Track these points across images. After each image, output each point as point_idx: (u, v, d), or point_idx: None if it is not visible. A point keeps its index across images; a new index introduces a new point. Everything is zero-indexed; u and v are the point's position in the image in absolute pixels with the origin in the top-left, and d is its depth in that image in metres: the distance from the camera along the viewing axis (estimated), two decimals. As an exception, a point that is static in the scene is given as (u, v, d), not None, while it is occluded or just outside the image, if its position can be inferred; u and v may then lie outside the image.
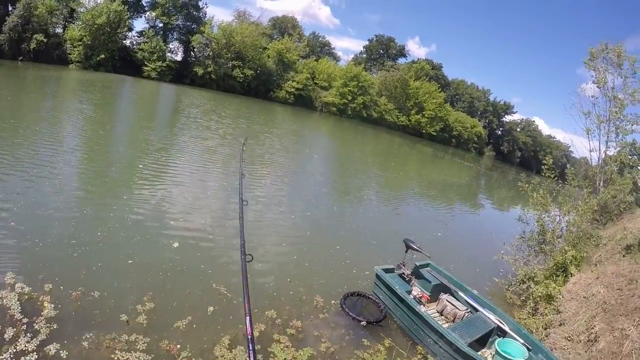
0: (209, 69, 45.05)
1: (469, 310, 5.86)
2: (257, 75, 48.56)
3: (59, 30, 38.12)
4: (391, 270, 6.27)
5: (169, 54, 46.46)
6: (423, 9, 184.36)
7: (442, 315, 5.90)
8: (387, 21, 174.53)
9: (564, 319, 6.07)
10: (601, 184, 13.92)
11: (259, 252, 6.95)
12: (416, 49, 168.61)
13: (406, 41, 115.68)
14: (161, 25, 46.24)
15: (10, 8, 33.94)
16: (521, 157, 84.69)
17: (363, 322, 5.39)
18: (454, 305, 5.84)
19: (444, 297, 6.05)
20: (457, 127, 68.77)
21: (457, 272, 7.45)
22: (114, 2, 37.91)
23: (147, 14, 45.97)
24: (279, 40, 54.63)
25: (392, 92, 61.97)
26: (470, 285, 6.50)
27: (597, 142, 14.98)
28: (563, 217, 9.08)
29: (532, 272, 7.56)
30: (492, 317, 5.56)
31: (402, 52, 79.96)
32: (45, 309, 4.06)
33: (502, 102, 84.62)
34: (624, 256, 8.06)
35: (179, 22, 48.02)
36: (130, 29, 43.27)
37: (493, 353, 5.01)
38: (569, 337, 5.52)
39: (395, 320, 5.72)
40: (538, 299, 6.81)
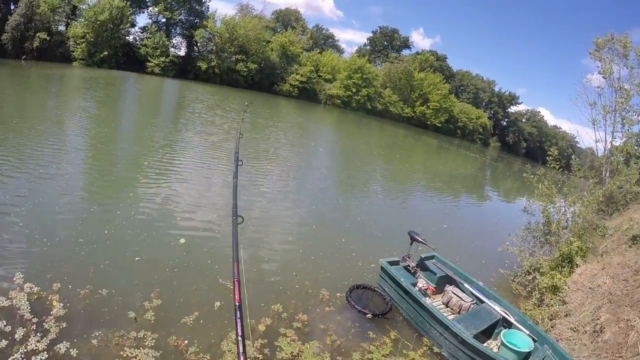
0: (213, 64, 44.92)
1: (475, 301, 5.87)
2: (261, 69, 48.33)
3: (61, 27, 38.11)
4: (396, 263, 6.30)
5: (172, 49, 46.39)
6: (427, 0, 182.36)
7: (447, 307, 5.92)
8: (391, 13, 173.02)
9: (569, 310, 6.07)
10: (607, 175, 13.83)
11: (265, 247, 7.01)
12: (420, 40, 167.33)
13: (410, 33, 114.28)
14: (164, 20, 46.07)
15: (12, 7, 34.00)
16: (527, 147, 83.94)
17: (369, 315, 5.43)
18: (459, 297, 5.86)
19: (449, 288, 6.07)
20: (462, 118, 68.19)
21: (462, 264, 7.46)
22: (116, -2, 37.85)
23: (150, 9, 45.71)
24: (282, 34, 54.32)
25: (396, 84, 61.50)
26: (476, 277, 6.52)
27: (603, 132, 14.90)
28: (568, 208, 9.03)
29: (538, 263, 7.54)
30: (497, 308, 5.57)
31: (406, 44, 79.25)
32: (54, 308, 4.13)
33: (507, 93, 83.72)
34: (630, 247, 8.02)
35: (182, 16, 47.85)
36: (133, 25, 43.13)
37: (499, 344, 5.03)
38: (575, 328, 5.53)
39: (401, 312, 5.76)
40: (544, 290, 6.79)
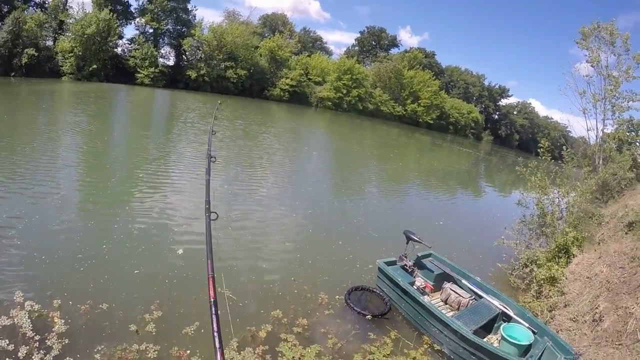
0: (202, 72, 44.97)
1: (473, 297, 5.92)
2: (251, 75, 48.46)
3: (49, 43, 38.06)
4: (393, 263, 6.34)
5: (161, 59, 46.44)
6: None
7: (446, 304, 5.97)
8: (378, 12, 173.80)
9: (568, 300, 6.12)
10: (600, 162, 13.96)
11: (263, 254, 7.04)
12: (408, 38, 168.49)
13: (398, 31, 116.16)
14: (151, 30, 46.10)
15: (-1, 24, 33.89)
16: (519, 140, 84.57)
17: (368, 316, 5.47)
18: (457, 294, 5.91)
19: (448, 285, 6.12)
20: (453, 114, 68.68)
21: (460, 260, 7.53)
22: (102, 11, 37.78)
23: (137, 20, 45.77)
24: (270, 38, 54.40)
25: (386, 83, 61.82)
26: (474, 272, 6.58)
27: (594, 120, 15.03)
28: (562, 199, 9.12)
29: (535, 256, 7.59)
30: (496, 302, 5.62)
31: (394, 43, 79.68)
32: (56, 325, 4.13)
33: (497, 86, 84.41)
34: (626, 233, 8.09)
35: (169, 26, 47.93)
36: (121, 37, 43.12)
37: (499, 338, 5.08)
38: (574, 318, 5.57)
39: (400, 312, 5.80)
40: (541, 281, 6.83)
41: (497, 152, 55.82)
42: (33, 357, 3.68)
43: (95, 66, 37.07)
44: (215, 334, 1.82)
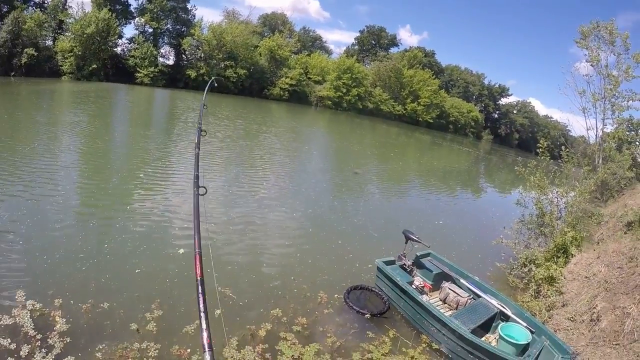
0: (202, 71, 44.99)
1: (472, 296, 5.96)
2: (250, 74, 48.48)
3: (49, 42, 38.09)
4: (392, 262, 6.37)
5: (161, 59, 46.52)
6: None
7: (445, 303, 6.01)
8: (377, 11, 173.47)
9: (566, 300, 6.15)
10: (600, 162, 13.98)
11: (263, 253, 7.08)
12: (408, 37, 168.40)
13: (397, 30, 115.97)
14: (151, 30, 46.10)
15: (-1, 24, 33.91)
16: (519, 139, 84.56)
17: (367, 315, 5.50)
18: (456, 293, 5.94)
19: (446, 285, 6.16)
20: (453, 113, 68.68)
21: (459, 259, 7.57)
22: (102, 10, 37.79)
23: (136, 20, 45.79)
24: (269, 38, 54.40)
25: (386, 82, 61.84)
26: (473, 271, 6.62)
27: (593, 120, 15.06)
28: (561, 199, 9.15)
29: (533, 255, 7.63)
30: (494, 302, 5.66)
31: (394, 42, 79.62)
32: (57, 324, 4.17)
33: (497, 85, 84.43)
34: (625, 233, 8.12)
35: (169, 26, 47.96)
36: (120, 37, 43.14)
37: (497, 337, 5.11)
38: (572, 317, 5.60)
39: (399, 311, 5.84)
40: (540, 281, 6.87)
41: (497, 151, 55.84)
42: (35, 356, 3.72)
43: (95, 66, 37.12)
44: (202, 314, 1.74)
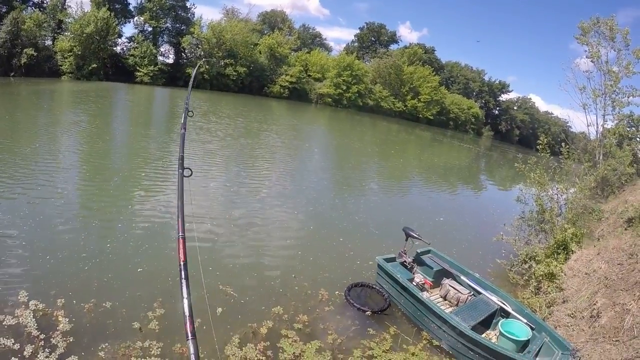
0: (202, 69, 44.91)
1: (472, 293, 5.98)
2: (250, 72, 48.44)
3: (48, 42, 38.01)
4: (392, 259, 6.40)
5: (161, 58, 46.44)
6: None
7: (445, 300, 6.03)
8: (377, 8, 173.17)
9: (566, 296, 6.16)
10: (601, 158, 13.95)
11: (266, 251, 7.11)
12: (408, 34, 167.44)
13: (397, 27, 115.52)
14: (150, 29, 45.99)
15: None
16: (520, 135, 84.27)
17: (368, 312, 5.53)
18: (456, 290, 5.96)
19: (447, 282, 6.18)
20: (453, 109, 68.48)
21: (460, 256, 7.59)
22: (101, 10, 37.73)
23: (135, 18, 45.69)
24: (269, 35, 54.30)
25: (386, 79, 61.69)
26: (474, 268, 6.65)
27: (594, 116, 15.00)
28: (561, 195, 9.15)
29: (533, 252, 7.64)
30: (494, 299, 5.68)
31: (393, 38, 79.33)
32: (60, 324, 4.20)
33: (497, 82, 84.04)
34: (625, 229, 8.10)
35: (168, 24, 47.88)
36: (120, 36, 43.09)
37: (497, 334, 5.14)
38: (572, 314, 5.61)
39: (400, 308, 5.86)
40: (540, 277, 6.88)
41: (498, 148, 55.76)
42: (38, 356, 3.75)
43: (94, 65, 37.09)
44: (185, 300, 1.68)
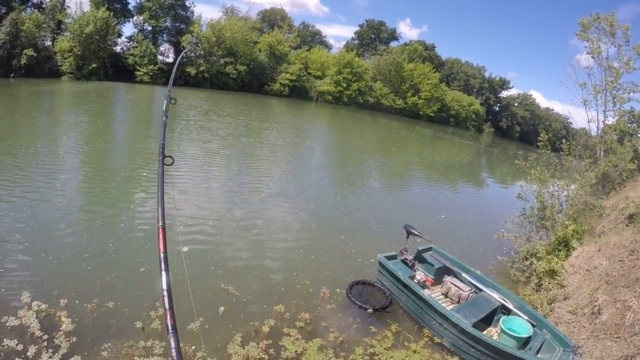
0: (202, 68, 44.86)
1: (473, 290, 5.99)
2: (250, 70, 48.38)
3: (48, 43, 37.96)
4: (394, 257, 6.41)
5: (160, 57, 46.37)
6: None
7: (446, 297, 6.04)
8: (377, 5, 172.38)
9: (567, 293, 6.16)
10: (602, 154, 13.93)
11: (267, 250, 7.13)
12: (408, 31, 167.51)
13: (397, 24, 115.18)
14: (150, 28, 45.93)
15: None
16: (520, 131, 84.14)
17: (369, 310, 5.55)
18: (457, 287, 5.97)
19: (448, 279, 6.19)
20: (454, 106, 68.35)
21: (461, 253, 7.59)
22: (100, 9, 37.70)
23: (135, 18, 45.63)
24: (269, 33, 54.18)
25: (386, 76, 61.54)
26: (475, 265, 6.65)
27: (595, 112, 14.95)
28: (562, 192, 9.14)
29: (534, 249, 7.64)
30: (495, 295, 5.69)
31: (393, 36, 79.11)
32: (63, 324, 4.23)
33: (497, 78, 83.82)
34: (627, 226, 8.09)
35: (168, 23, 47.83)
36: (120, 35, 43.05)
37: (499, 331, 5.15)
38: (573, 310, 5.62)
39: (401, 305, 5.88)
40: (541, 274, 6.89)
41: (499, 144, 55.67)
42: (42, 356, 3.77)
43: (94, 65, 37.09)
44: (165, 292, 1.63)
